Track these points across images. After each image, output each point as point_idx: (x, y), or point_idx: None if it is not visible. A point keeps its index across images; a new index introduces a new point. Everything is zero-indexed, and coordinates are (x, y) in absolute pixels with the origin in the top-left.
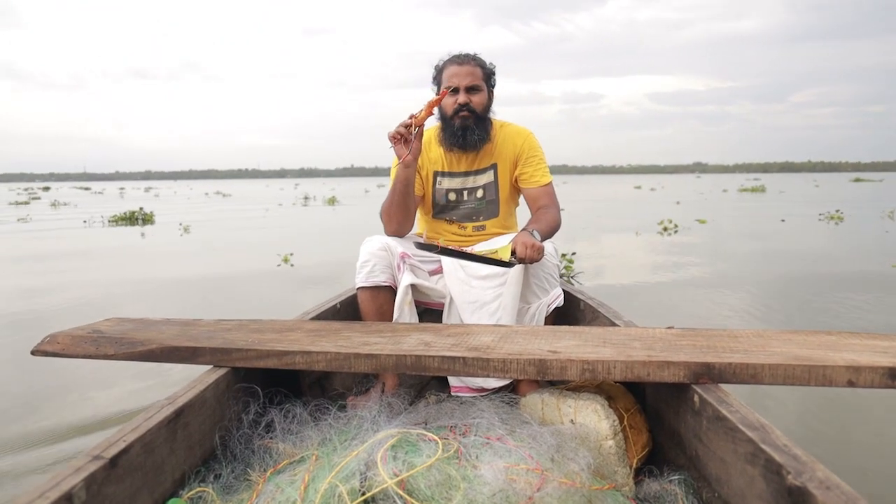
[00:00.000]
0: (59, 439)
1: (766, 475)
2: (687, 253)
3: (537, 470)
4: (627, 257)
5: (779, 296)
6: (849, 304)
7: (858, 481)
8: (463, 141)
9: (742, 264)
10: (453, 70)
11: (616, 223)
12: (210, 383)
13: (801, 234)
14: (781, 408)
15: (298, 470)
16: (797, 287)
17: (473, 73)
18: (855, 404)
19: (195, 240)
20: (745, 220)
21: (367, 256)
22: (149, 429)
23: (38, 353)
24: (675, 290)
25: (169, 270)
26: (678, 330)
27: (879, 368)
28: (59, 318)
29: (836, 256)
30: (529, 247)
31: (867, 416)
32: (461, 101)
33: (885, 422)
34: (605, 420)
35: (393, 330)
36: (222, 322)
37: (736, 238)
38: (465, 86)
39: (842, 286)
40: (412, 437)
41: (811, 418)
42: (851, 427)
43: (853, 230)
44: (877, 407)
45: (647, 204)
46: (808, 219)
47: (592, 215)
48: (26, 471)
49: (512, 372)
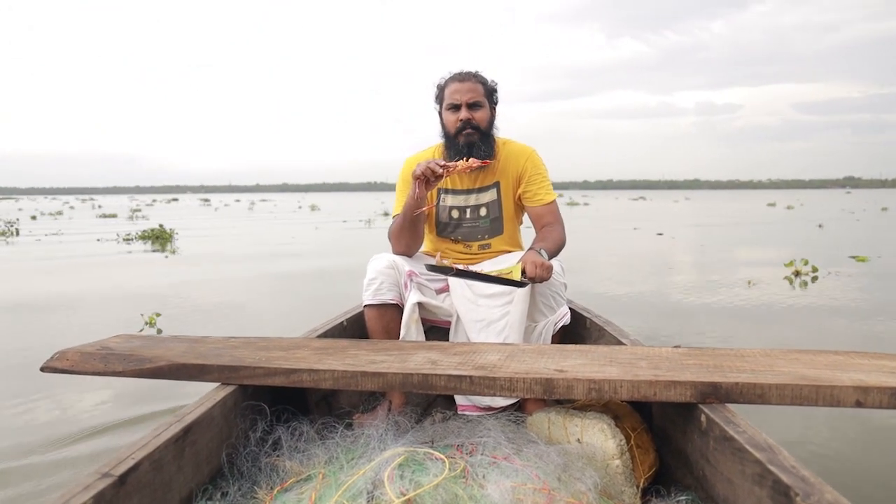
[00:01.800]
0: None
1: (773, 497)
2: (840, 333)
3: (544, 490)
4: (715, 336)
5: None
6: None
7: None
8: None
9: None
10: (454, 87)
11: (718, 260)
12: (218, 401)
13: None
14: (789, 429)
15: (305, 488)
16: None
17: (474, 89)
18: (862, 425)
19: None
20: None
21: (374, 274)
22: (157, 446)
23: (47, 370)
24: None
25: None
26: (685, 349)
27: (888, 389)
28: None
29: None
30: (539, 266)
31: (875, 436)
32: (463, 118)
33: (892, 443)
34: (612, 439)
35: (399, 348)
36: (230, 340)
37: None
38: (467, 101)
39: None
40: (419, 455)
41: (818, 438)
42: (860, 448)
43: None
44: (885, 428)
45: (778, 227)
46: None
47: (689, 245)
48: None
49: (518, 391)
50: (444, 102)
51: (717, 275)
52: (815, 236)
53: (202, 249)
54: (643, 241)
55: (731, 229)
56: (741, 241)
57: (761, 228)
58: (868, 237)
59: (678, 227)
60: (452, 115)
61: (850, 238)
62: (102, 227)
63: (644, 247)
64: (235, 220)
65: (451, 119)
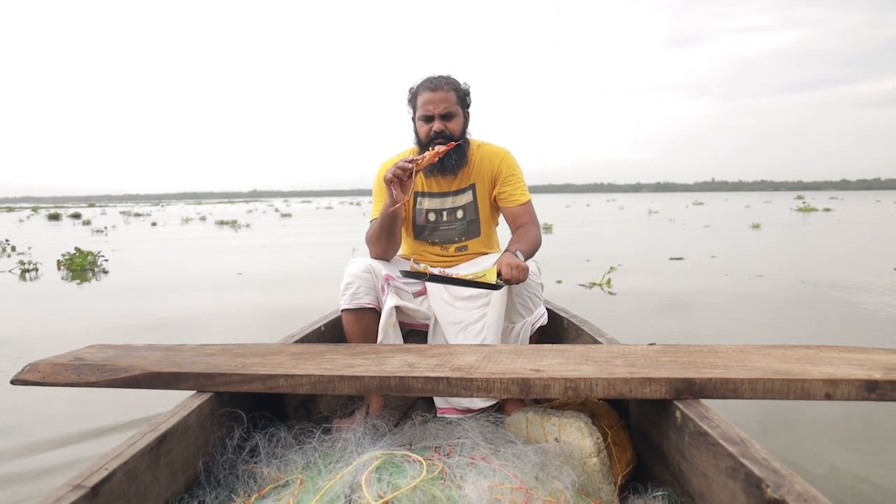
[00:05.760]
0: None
1: (746, 489)
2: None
3: (522, 489)
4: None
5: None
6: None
7: (836, 494)
8: (441, 167)
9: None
10: (427, 97)
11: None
12: (193, 409)
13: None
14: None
15: (283, 494)
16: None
17: (447, 98)
18: (832, 416)
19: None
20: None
21: (350, 279)
22: (131, 455)
23: (17, 383)
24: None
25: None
26: (660, 346)
27: (856, 381)
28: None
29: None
30: (514, 267)
31: (845, 427)
32: (436, 129)
33: (861, 434)
34: (589, 437)
35: (377, 351)
36: (205, 347)
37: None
38: (440, 113)
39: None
40: (396, 458)
41: (788, 430)
42: (829, 439)
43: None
44: (854, 419)
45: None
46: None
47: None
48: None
49: (495, 391)
50: (416, 111)
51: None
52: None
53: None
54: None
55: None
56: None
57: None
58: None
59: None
60: (425, 125)
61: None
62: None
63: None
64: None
65: (425, 129)
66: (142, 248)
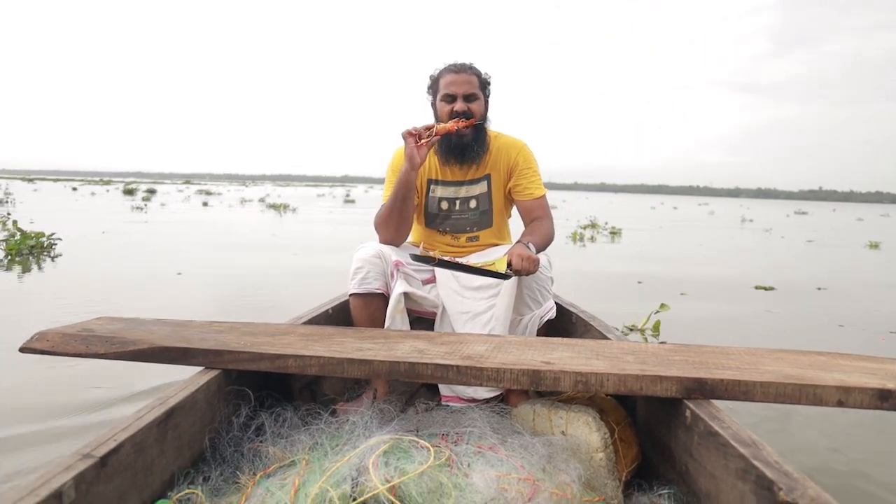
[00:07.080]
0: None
1: (757, 491)
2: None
3: (529, 480)
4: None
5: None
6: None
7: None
8: (461, 154)
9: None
10: (450, 79)
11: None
12: (201, 385)
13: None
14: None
15: (288, 474)
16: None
17: (470, 81)
18: (844, 423)
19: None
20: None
21: (360, 263)
22: (139, 429)
23: (26, 351)
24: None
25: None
26: (671, 345)
27: (869, 389)
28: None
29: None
30: (525, 259)
31: (856, 435)
32: (458, 109)
33: (873, 442)
34: (597, 432)
35: (386, 336)
36: (215, 324)
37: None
38: (463, 94)
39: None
40: (404, 443)
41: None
42: (841, 445)
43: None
44: (865, 427)
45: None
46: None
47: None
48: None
49: (505, 381)
50: (438, 94)
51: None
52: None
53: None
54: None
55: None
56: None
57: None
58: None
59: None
60: (447, 105)
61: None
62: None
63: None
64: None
65: (446, 110)
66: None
